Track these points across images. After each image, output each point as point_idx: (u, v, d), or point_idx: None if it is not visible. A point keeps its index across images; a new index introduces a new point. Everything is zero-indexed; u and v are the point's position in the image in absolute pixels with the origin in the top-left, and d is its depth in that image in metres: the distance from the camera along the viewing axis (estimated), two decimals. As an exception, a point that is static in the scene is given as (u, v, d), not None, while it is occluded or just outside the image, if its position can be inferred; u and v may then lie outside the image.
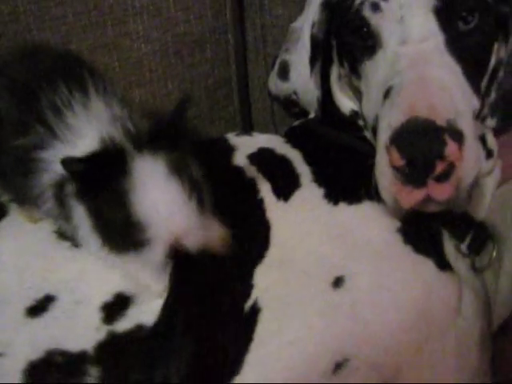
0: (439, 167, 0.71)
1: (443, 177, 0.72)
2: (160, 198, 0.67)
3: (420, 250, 0.79)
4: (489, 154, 0.88)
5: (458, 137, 0.72)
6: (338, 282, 0.75)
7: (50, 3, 1.09)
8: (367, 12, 0.83)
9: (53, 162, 0.72)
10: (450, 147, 0.70)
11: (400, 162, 0.71)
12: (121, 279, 0.77)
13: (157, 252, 0.68)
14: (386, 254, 0.78)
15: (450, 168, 0.71)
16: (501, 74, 0.87)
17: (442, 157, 0.70)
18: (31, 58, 0.79)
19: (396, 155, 0.71)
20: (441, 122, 0.71)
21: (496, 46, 0.86)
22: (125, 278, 0.77)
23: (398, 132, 0.72)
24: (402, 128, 0.72)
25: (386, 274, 0.76)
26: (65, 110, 0.73)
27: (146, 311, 0.76)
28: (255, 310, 0.75)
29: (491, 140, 0.90)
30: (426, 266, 0.78)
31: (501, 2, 0.86)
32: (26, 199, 0.78)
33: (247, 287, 0.76)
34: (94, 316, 0.77)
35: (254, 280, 0.77)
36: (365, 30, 0.84)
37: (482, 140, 0.88)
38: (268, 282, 0.76)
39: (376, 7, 0.82)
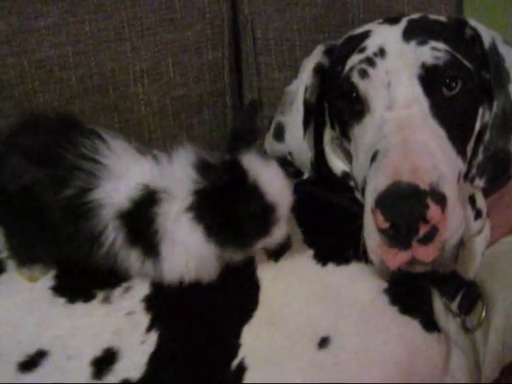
0: (422, 230, 0.72)
1: (427, 239, 0.73)
2: (276, 178, 0.77)
3: (407, 310, 0.79)
4: (478, 214, 0.89)
5: (441, 200, 0.73)
6: (323, 343, 0.76)
7: (55, 67, 1.14)
8: (356, 78, 0.86)
9: (107, 196, 0.76)
10: (433, 210, 0.72)
11: (384, 224, 0.73)
12: (110, 334, 0.78)
13: (284, 225, 0.77)
14: (372, 314, 0.78)
15: (434, 230, 0.73)
16: (487, 136, 0.89)
17: (424, 220, 0.72)
18: (35, 125, 0.82)
19: (380, 218, 0.73)
20: (424, 185, 0.73)
21: (481, 110, 0.89)
22: (114, 332, 0.78)
23: (382, 195, 0.74)
24: (386, 192, 0.73)
25: (372, 334, 0.77)
26: (97, 156, 0.77)
27: (132, 366, 0.77)
28: (241, 369, 0.75)
29: (480, 200, 0.91)
30: (412, 326, 0.78)
31: (482, 68, 0.89)
32: (79, 247, 0.78)
33: (235, 346, 0.77)
34: (85, 371, 0.77)
35: (242, 339, 0.77)
36: (354, 95, 0.86)
37: (471, 200, 0.90)
38: (255, 342, 0.77)
39: (364, 73, 0.85)
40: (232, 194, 0.74)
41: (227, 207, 0.74)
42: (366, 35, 0.91)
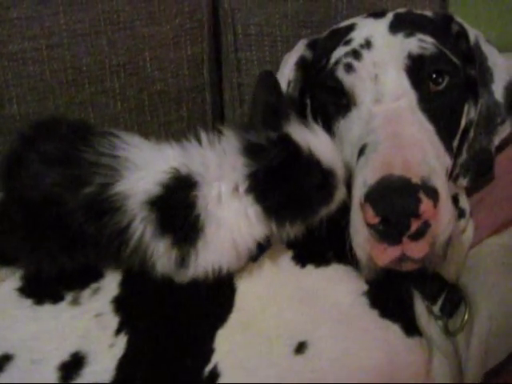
0: (414, 225, 0.70)
1: (418, 235, 0.71)
2: (326, 143, 0.76)
3: (387, 314, 0.77)
4: (461, 213, 0.88)
5: (433, 194, 0.71)
6: (300, 348, 0.73)
7: (28, 61, 1.10)
8: (341, 73, 0.84)
9: (132, 187, 0.73)
10: (425, 205, 0.69)
11: (374, 219, 0.70)
12: (78, 338, 0.76)
13: (343, 188, 0.76)
14: (351, 318, 0.76)
15: (425, 226, 0.70)
16: (471, 134, 0.87)
17: (416, 215, 0.69)
18: (50, 131, 0.80)
19: (370, 213, 0.70)
20: (415, 179, 0.71)
21: (466, 107, 0.88)
22: (82, 336, 0.76)
23: (373, 189, 0.71)
24: (377, 185, 0.71)
25: (351, 338, 0.74)
26: (115, 151, 0.75)
27: (101, 371, 0.74)
28: (214, 375, 0.73)
29: (463, 200, 0.90)
30: (392, 330, 0.76)
31: (467, 65, 0.87)
32: (107, 246, 0.74)
33: (208, 351, 0.74)
34: (52, 376, 0.75)
35: (215, 344, 0.74)
36: (339, 89, 0.84)
37: (454, 200, 0.88)
38: (229, 347, 0.74)
39: (350, 68, 0.83)
40: (291, 170, 0.71)
41: (290, 184, 0.71)
42: (351, 28, 0.90)
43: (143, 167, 0.74)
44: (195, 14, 1.17)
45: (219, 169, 0.74)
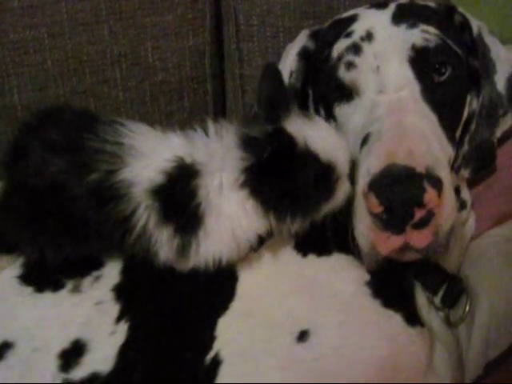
0: (418, 214, 0.70)
1: (422, 224, 0.70)
2: (328, 136, 0.74)
3: (389, 304, 0.76)
4: (462, 205, 0.87)
5: (437, 184, 0.71)
6: (302, 336, 0.73)
7: (30, 50, 1.10)
8: (342, 72, 0.84)
9: (137, 174, 0.72)
10: (430, 194, 0.69)
11: (378, 208, 0.70)
12: (79, 325, 0.76)
13: (346, 182, 0.75)
14: (353, 307, 0.75)
15: (429, 215, 0.70)
16: (473, 126, 0.87)
17: (421, 204, 0.69)
18: (55, 118, 0.79)
19: (374, 201, 0.70)
20: (420, 168, 0.70)
21: (469, 98, 0.87)
22: (82, 323, 0.75)
23: (377, 178, 0.71)
24: (381, 174, 0.71)
25: (353, 328, 0.74)
26: (120, 138, 0.74)
27: (101, 359, 0.74)
28: (216, 363, 0.72)
29: (465, 191, 0.90)
30: (395, 320, 0.76)
31: (470, 56, 0.87)
32: (110, 233, 0.74)
33: (209, 339, 0.74)
34: (52, 364, 0.75)
35: (217, 331, 0.74)
36: (341, 86, 0.84)
37: (456, 191, 0.87)
38: (231, 334, 0.74)
39: (351, 65, 0.83)
40: (285, 163, 0.70)
41: (284, 178, 0.70)
42: (353, 19, 0.89)
43: (148, 155, 0.74)
44: (197, 4, 1.17)
45: (222, 160, 0.73)
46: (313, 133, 0.72)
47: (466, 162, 0.87)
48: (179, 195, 0.72)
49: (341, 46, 0.86)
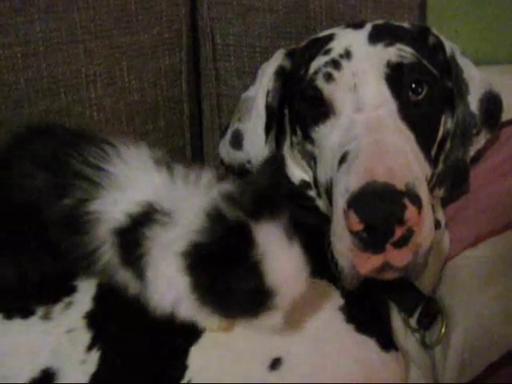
0: (398, 232, 0.69)
1: (402, 242, 0.70)
2: (289, 264, 0.67)
3: (363, 329, 0.75)
4: (436, 225, 0.87)
5: (417, 201, 0.70)
6: (275, 364, 0.71)
7: (3, 69, 1.08)
8: (320, 82, 0.84)
9: (106, 210, 0.70)
10: (410, 211, 0.69)
11: (358, 226, 0.69)
12: (49, 353, 0.74)
13: (278, 317, 0.68)
14: (326, 333, 0.74)
15: (409, 233, 0.70)
16: (448, 145, 0.88)
17: (401, 221, 0.69)
18: (46, 133, 0.78)
19: (354, 219, 0.69)
20: (400, 185, 0.70)
21: (443, 118, 0.88)
22: (53, 351, 0.74)
23: (356, 196, 0.71)
24: (361, 191, 0.70)
25: (326, 354, 0.73)
26: (102, 163, 0.72)
27: None
28: None
29: (439, 211, 0.90)
30: (368, 345, 0.75)
31: (445, 76, 0.88)
32: (76, 262, 0.73)
33: (181, 367, 0.72)
34: None
35: (189, 360, 0.73)
36: (318, 98, 0.84)
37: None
38: (203, 363, 0.72)
39: (329, 77, 0.83)
40: (228, 261, 0.64)
41: (219, 271, 0.65)
42: (330, 38, 0.89)
43: (123, 188, 0.71)
44: (173, 24, 1.17)
45: (183, 215, 0.68)
46: (278, 252, 0.66)
47: (440, 181, 0.88)
48: (132, 242, 0.69)
49: (319, 62, 0.86)
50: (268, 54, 1.13)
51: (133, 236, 0.69)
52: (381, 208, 0.69)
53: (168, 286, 0.68)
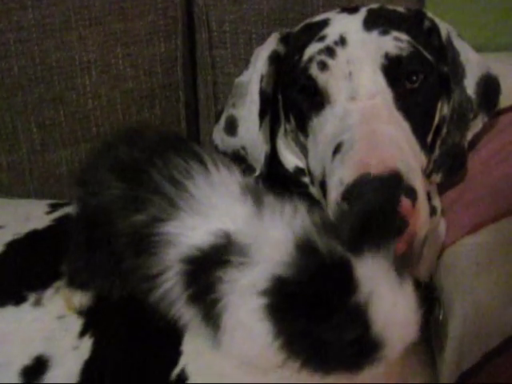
0: None
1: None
2: (399, 308, 0.57)
3: None
4: (432, 211, 0.86)
5: (411, 193, 0.71)
6: None
7: (-5, 57, 1.07)
8: (315, 71, 0.82)
9: (179, 234, 0.64)
10: (404, 204, 0.69)
11: None
12: (41, 340, 0.74)
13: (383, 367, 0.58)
14: None
15: (403, 224, 0.70)
16: (444, 130, 0.87)
17: None
18: (133, 138, 0.74)
19: None
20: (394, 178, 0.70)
21: (439, 104, 0.87)
22: (45, 338, 0.74)
23: (350, 188, 0.70)
24: (355, 184, 0.70)
25: None
26: (187, 181, 0.66)
27: (65, 376, 0.72)
28: (182, 379, 0.70)
29: (435, 197, 0.89)
30: None
31: (440, 61, 0.87)
32: (137, 283, 0.68)
33: (175, 354, 0.71)
34: (14, 381, 0.73)
35: (183, 346, 0.72)
36: (312, 87, 0.83)
37: (427, 197, 0.87)
38: (197, 349, 0.71)
39: (323, 65, 0.82)
40: (323, 304, 0.55)
41: (312, 316, 0.55)
42: (325, 23, 0.88)
43: (202, 215, 0.65)
44: (169, 11, 1.16)
45: (263, 251, 0.61)
46: (387, 293, 0.56)
47: (437, 167, 0.87)
48: (202, 280, 0.62)
49: (313, 49, 0.85)
50: (264, 40, 1.11)
51: (205, 274, 0.62)
52: (374, 201, 0.68)
53: (248, 337, 0.60)
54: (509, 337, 0.72)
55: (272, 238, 0.61)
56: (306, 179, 0.89)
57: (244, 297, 0.59)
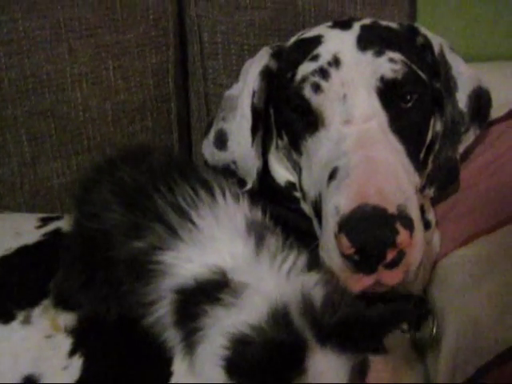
0: (390, 255, 0.70)
1: (393, 264, 0.70)
2: None
3: None
4: (426, 225, 0.86)
5: (409, 224, 0.71)
6: None
7: (-15, 69, 1.07)
8: (308, 92, 0.81)
9: (176, 264, 0.64)
10: (402, 235, 0.69)
11: (350, 250, 0.69)
12: (30, 360, 0.73)
13: None
14: None
15: (401, 255, 0.70)
16: (437, 146, 0.86)
17: (393, 245, 0.69)
18: (139, 158, 0.73)
19: (346, 243, 0.69)
20: (391, 209, 0.70)
21: (432, 120, 0.87)
22: (34, 357, 0.73)
23: (348, 219, 0.70)
24: (352, 215, 0.70)
25: None
26: (190, 210, 0.66)
27: None
28: None
29: (429, 211, 0.88)
30: None
31: (433, 78, 0.86)
32: (130, 308, 0.68)
33: (166, 374, 0.71)
34: None
35: (173, 366, 0.71)
36: (306, 108, 0.82)
37: (420, 211, 0.86)
38: (187, 369, 0.71)
39: (317, 87, 0.81)
40: (268, 374, 0.55)
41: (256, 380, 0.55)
42: (317, 41, 0.87)
43: (201, 246, 0.65)
44: (160, 22, 1.15)
45: (252, 300, 0.61)
46: None
47: (430, 181, 0.87)
48: (191, 311, 0.63)
49: (306, 68, 0.83)
50: (256, 51, 1.10)
51: (194, 305, 0.63)
52: (373, 233, 0.69)
53: (212, 370, 0.60)
54: (502, 351, 0.71)
55: (264, 289, 0.62)
56: (298, 194, 0.89)
57: (221, 336, 0.59)
